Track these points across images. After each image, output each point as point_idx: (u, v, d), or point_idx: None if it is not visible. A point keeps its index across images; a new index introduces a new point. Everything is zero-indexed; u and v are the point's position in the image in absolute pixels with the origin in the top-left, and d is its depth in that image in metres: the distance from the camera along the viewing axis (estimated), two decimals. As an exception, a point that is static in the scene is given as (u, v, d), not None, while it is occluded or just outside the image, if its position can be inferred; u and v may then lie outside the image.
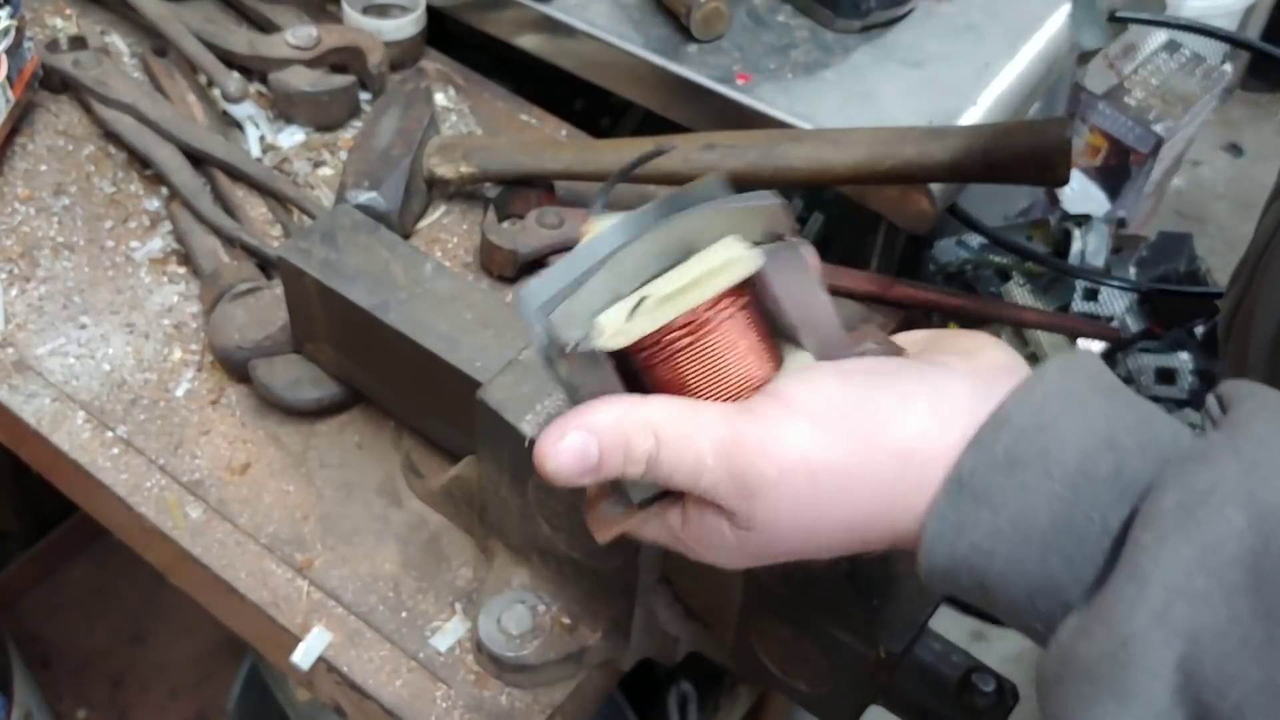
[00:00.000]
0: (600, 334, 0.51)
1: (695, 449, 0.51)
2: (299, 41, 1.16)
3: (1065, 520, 0.46)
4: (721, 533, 0.53)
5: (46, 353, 0.98)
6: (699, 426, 0.51)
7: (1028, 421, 0.48)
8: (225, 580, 0.86)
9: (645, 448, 0.52)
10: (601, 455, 0.52)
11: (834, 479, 0.50)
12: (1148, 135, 2.04)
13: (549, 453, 0.53)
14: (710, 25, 1.14)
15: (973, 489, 0.48)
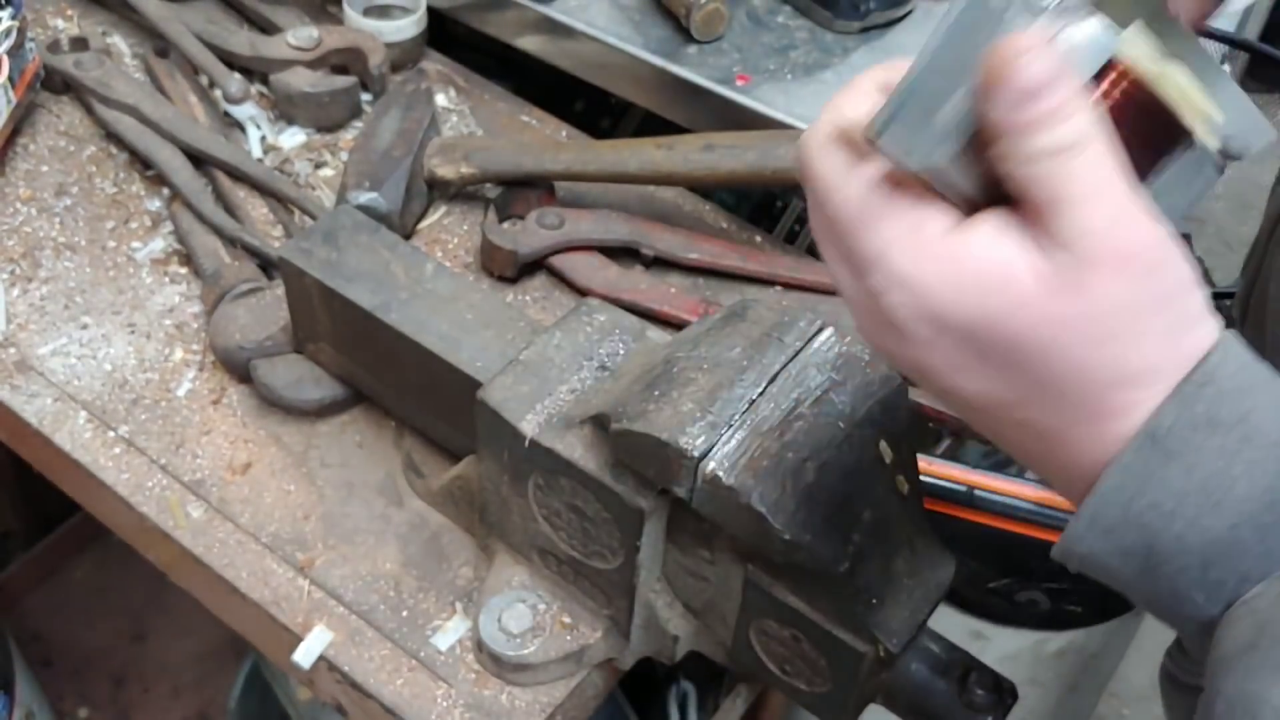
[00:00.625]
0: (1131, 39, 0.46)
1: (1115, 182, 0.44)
2: (300, 42, 1.17)
3: (1264, 491, 0.44)
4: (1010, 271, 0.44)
5: (48, 353, 0.98)
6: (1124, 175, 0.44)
7: (1230, 383, 0.45)
8: (227, 579, 0.87)
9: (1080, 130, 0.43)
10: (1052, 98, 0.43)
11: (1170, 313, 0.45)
12: (1147, 136, 2.04)
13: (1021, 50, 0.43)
14: (710, 26, 1.14)
15: (1166, 446, 0.44)
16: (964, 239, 0.44)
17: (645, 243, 1.06)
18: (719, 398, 0.69)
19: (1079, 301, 0.43)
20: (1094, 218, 0.43)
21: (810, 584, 0.71)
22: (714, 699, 1.39)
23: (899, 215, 0.45)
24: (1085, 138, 0.43)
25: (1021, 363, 0.45)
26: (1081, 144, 0.43)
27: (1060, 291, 0.43)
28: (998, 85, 0.43)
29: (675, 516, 0.75)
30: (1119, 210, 0.43)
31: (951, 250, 0.44)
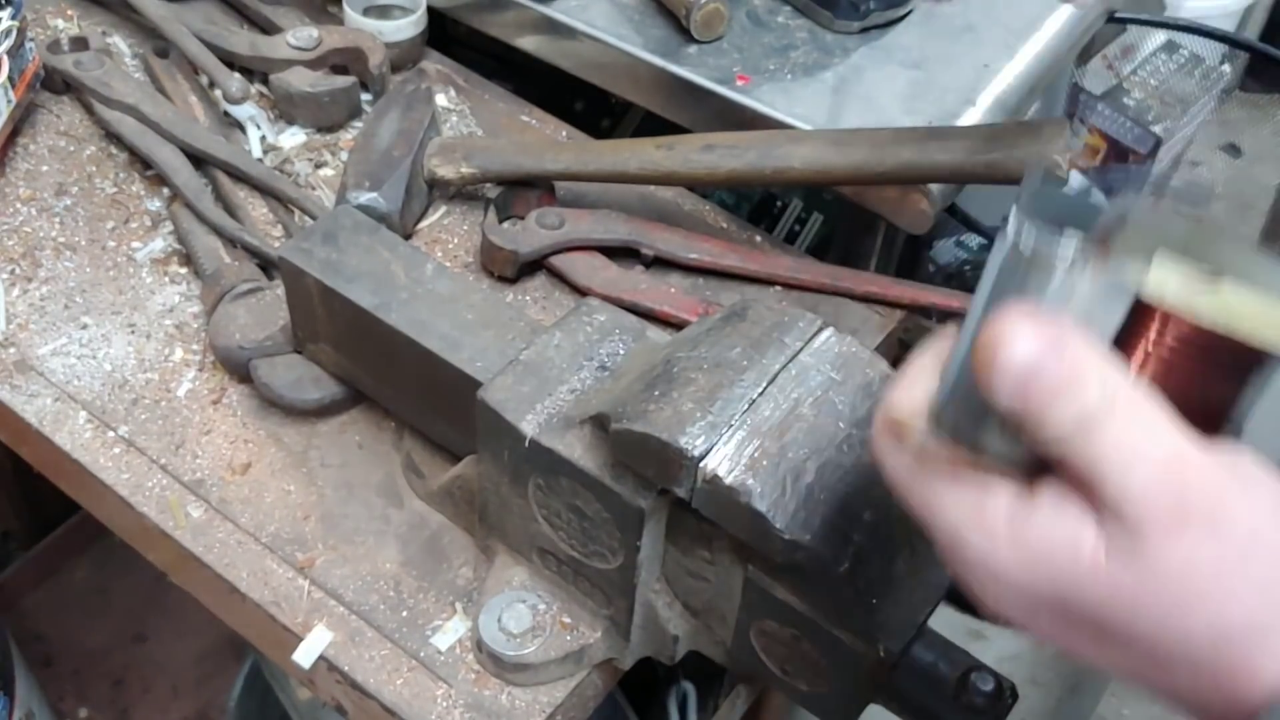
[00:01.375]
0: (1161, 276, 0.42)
1: (1153, 437, 0.42)
2: (300, 42, 1.17)
3: None
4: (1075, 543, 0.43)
5: (48, 353, 0.98)
6: (1165, 428, 0.42)
7: None
8: (227, 579, 0.87)
9: (1097, 403, 0.42)
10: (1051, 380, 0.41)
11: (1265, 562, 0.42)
12: (1146, 136, 2.04)
13: (1004, 337, 0.42)
14: (710, 26, 1.14)
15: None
16: (1026, 519, 0.44)
17: (645, 243, 1.06)
18: (719, 398, 0.69)
19: (1144, 570, 0.42)
20: (1136, 483, 0.41)
21: (810, 584, 0.71)
22: (714, 699, 1.39)
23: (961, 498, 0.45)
24: (1105, 403, 0.42)
25: (1115, 635, 0.44)
26: (1102, 412, 0.42)
27: (1123, 562, 0.42)
28: (988, 374, 0.42)
29: (675, 516, 0.75)
30: (1164, 469, 0.42)
31: (1016, 533, 0.44)
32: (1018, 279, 0.44)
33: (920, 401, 0.47)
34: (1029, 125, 1.00)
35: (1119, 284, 0.43)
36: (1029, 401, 0.42)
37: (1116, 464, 0.42)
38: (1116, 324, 0.44)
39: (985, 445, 0.45)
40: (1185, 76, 2.10)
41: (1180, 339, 0.44)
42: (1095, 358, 0.42)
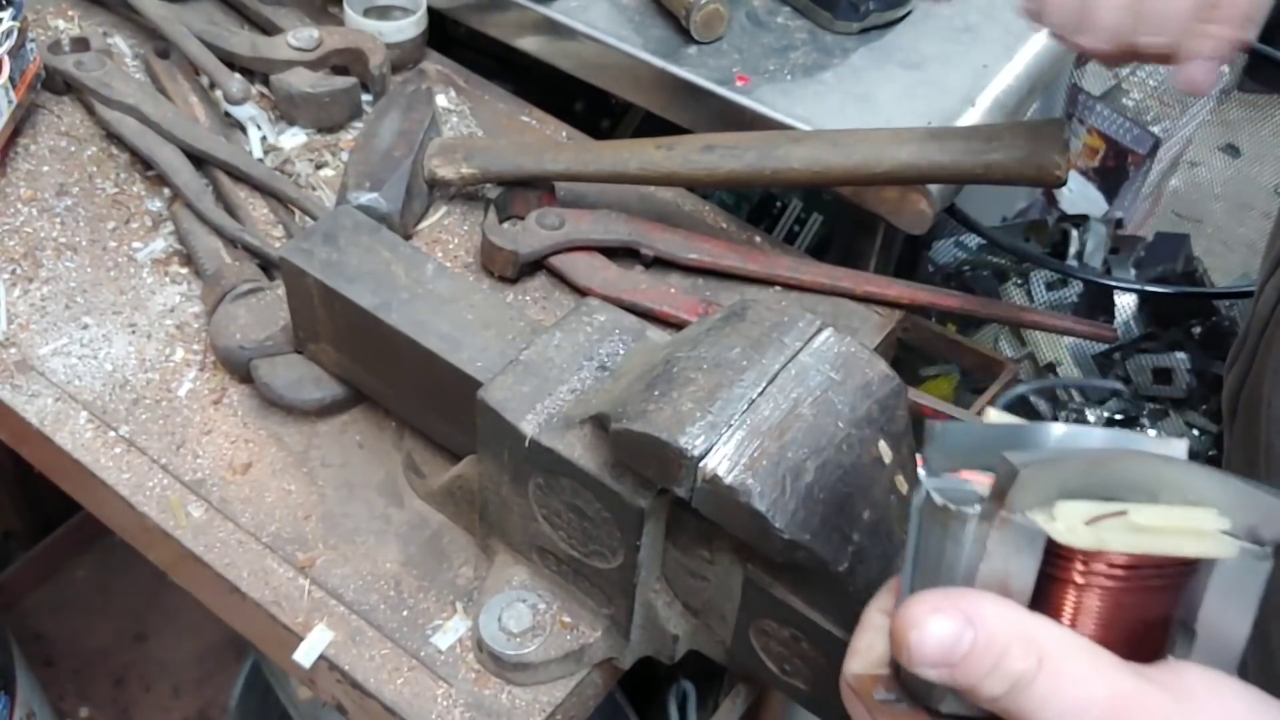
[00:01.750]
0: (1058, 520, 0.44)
1: (1086, 692, 0.43)
2: (301, 43, 1.17)
3: None
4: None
5: (49, 353, 0.98)
6: (1095, 668, 0.44)
7: None
8: (227, 579, 0.87)
9: (1022, 667, 0.43)
10: (972, 653, 0.44)
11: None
12: (1145, 136, 2.04)
13: (916, 621, 0.44)
14: (710, 27, 1.14)
15: None
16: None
17: (645, 243, 1.06)
18: (719, 398, 0.69)
19: None
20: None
21: (810, 584, 0.71)
22: (714, 699, 1.40)
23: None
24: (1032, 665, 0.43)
25: None
26: (1030, 674, 0.43)
27: None
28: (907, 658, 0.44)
29: (675, 516, 0.75)
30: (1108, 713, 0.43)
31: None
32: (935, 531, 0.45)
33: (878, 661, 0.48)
34: (1028, 125, 1.00)
35: (1025, 532, 0.44)
36: (957, 676, 0.44)
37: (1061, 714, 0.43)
38: (1033, 570, 0.45)
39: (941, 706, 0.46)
40: (1184, 77, 2.10)
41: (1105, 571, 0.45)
42: (1013, 622, 0.44)
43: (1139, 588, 0.45)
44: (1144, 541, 0.44)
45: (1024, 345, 1.68)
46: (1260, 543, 0.45)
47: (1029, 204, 1.86)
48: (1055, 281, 1.70)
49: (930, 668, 0.44)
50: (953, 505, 0.45)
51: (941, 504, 0.45)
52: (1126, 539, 0.44)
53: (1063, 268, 1.60)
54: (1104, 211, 2.04)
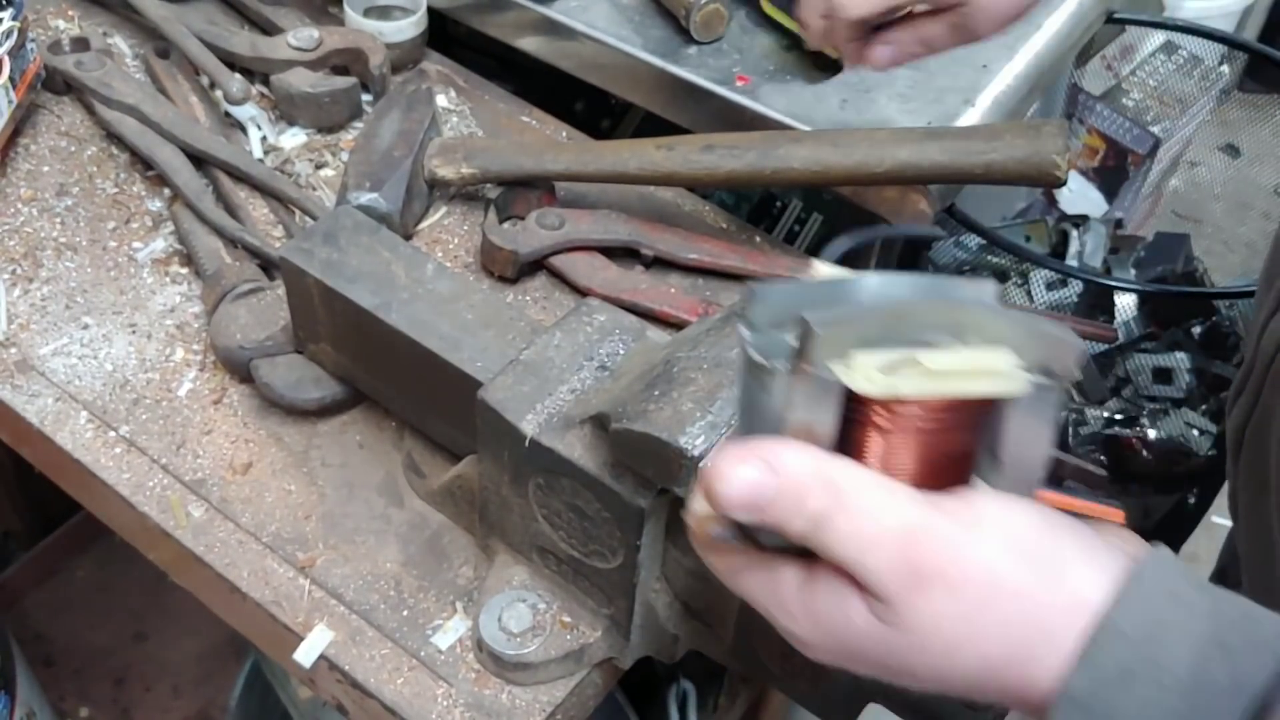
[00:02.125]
0: (853, 371, 0.47)
1: (878, 524, 0.48)
2: (301, 43, 1.17)
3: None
4: (848, 616, 0.49)
5: (49, 353, 0.98)
6: (888, 502, 0.48)
7: (1136, 631, 0.46)
8: (228, 579, 0.87)
9: (821, 505, 0.48)
10: (776, 498, 0.48)
11: (1008, 604, 0.47)
12: (1145, 136, 2.04)
13: (723, 474, 0.49)
14: (710, 27, 1.14)
15: (1088, 707, 0.46)
16: (811, 597, 0.51)
17: (645, 243, 1.06)
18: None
19: (904, 630, 0.48)
20: (873, 564, 0.48)
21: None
22: (714, 698, 1.40)
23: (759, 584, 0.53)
24: (830, 503, 0.48)
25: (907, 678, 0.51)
26: (829, 511, 0.48)
27: (888, 625, 0.49)
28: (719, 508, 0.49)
29: (675, 516, 0.75)
30: (896, 545, 0.47)
31: (805, 609, 0.51)
32: (753, 384, 0.49)
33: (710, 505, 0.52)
34: (1028, 125, 1.00)
35: (824, 384, 0.48)
36: (765, 518, 0.49)
37: (854, 551, 0.48)
38: (833, 418, 0.49)
39: (762, 540, 0.51)
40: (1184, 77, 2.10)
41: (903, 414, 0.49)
42: (812, 467, 0.48)
43: (937, 427, 0.49)
44: (936, 385, 0.47)
45: (1024, 345, 1.68)
46: (1050, 375, 0.48)
47: (1029, 204, 1.86)
48: (1055, 281, 1.70)
49: (740, 512, 0.49)
50: (765, 360, 0.48)
51: (756, 360, 0.49)
52: (920, 384, 0.47)
53: (1063, 268, 1.60)
54: (1104, 211, 2.04)
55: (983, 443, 0.51)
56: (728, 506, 0.49)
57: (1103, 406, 1.64)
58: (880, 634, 0.49)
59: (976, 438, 0.51)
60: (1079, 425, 1.62)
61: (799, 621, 0.52)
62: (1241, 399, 0.82)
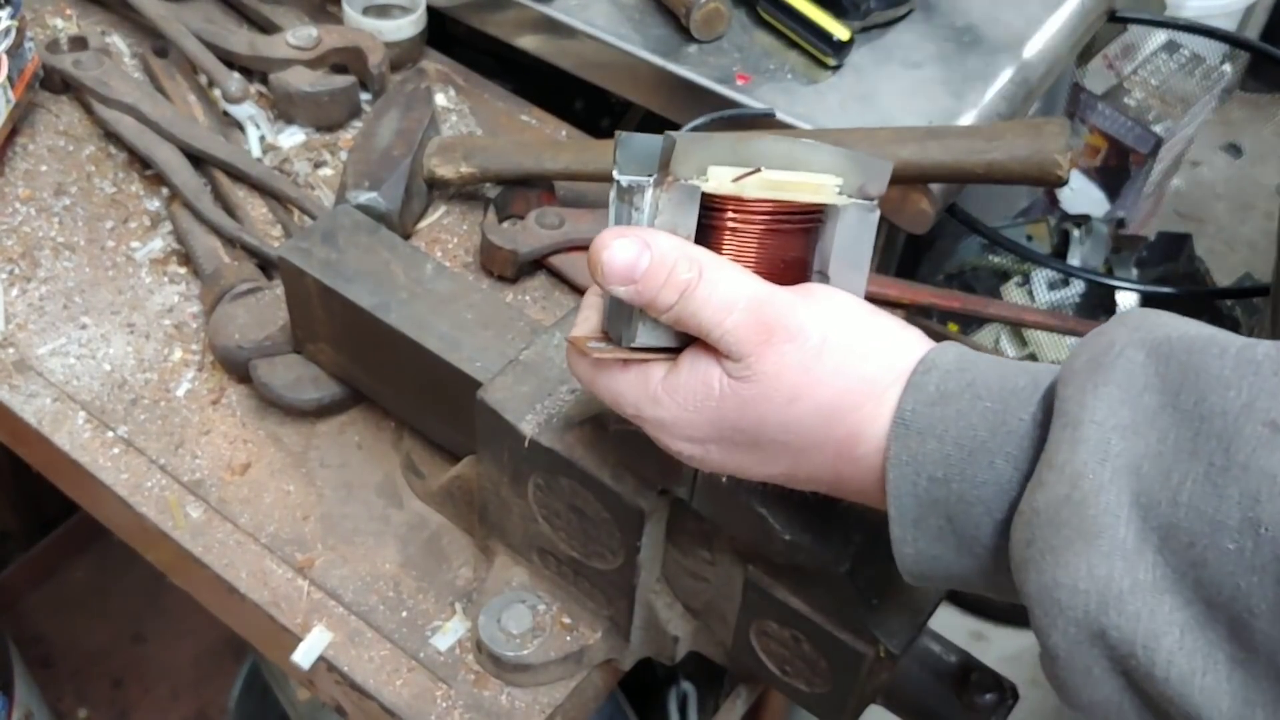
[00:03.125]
0: (708, 178, 0.57)
1: (733, 292, 0.56)
2: (299, 42, 1.17)
3: (1000, 426, 0.52)
4: (709, 384, 0.57)
5: (47, 353, 0.98)
6: (742, 279, 0.57)
7: (951, 364, 0.55)
8: (226, 580, 0.87)
9: (687, 277, 0.56)
10: (649, 269, 0.56)
11: (839, 354, 0.56)
12: (1147, 136, 2.04)
13: (606, 244, 0.56)
14: (710, 26, 1.14)
15: (916, 426, 0.54)
16: (674, 379, 0.59)
17: (645, 242, 1.06)
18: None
19: (755, 381, 0.56)
20: (730, 323, 0.56)
21: (811, 584, 0.71)
22: (714, 699, 1.39)
23: (630, 382, 0.60)
24: (693, 275, 0.56)
25: (759, 441, 0.58)
26: (693, 282, 0.56)
27: (741, 381, 0.56)
28: (602, 280, 0.57)
29: (675, 517, 0.75)
30: (749, 307, 0.56)
31: (670, 386, 0.59)
32: (624, 208, 0.59)
33: (592, 326, 0.63)
34: (1030, 125, 0.99)
35: (685, 189, 0.57)
36: (640, 290, 0.57)
37: (714, 314, 0.56)
38: (693, 219, 0.58)
39: (636, 338, 0.59)
40: (1186, 76, 2.10)
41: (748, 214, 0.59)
42: (678, 246, 0.57)
43: (776, 230, 0.59)
44: (775, 192, 0.58)
45: (1025, 345, 1.68)
46: (868, 197, 0.60)
47: (1030, 203, 1.86)
48: (1057, 281, 1.70)
49: (619, 285, 0.57)
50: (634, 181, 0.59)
51: (627, 184, 0.59)
52: (762, 191, 0.58)
53: (1064, 267, 1.60)
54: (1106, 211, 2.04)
55: (814, 256, 0.62)
56: (610, 276, 0.56)
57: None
58: (734, 391, 0.57)
59: (809, 246, 0.61)
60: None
61: (665, 405, 0.59)
62: None
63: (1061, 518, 0.47)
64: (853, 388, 0.55)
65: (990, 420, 0.52)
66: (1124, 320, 0.52)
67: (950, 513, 0.53)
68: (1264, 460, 0.43)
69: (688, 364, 0.58)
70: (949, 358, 0.55)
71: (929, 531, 0.54)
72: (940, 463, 0.53)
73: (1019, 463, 0.52)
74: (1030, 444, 0.51)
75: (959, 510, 0.53)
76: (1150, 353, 0.48)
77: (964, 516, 0.53)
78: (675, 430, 0.59)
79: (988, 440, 0.52)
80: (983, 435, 0.52)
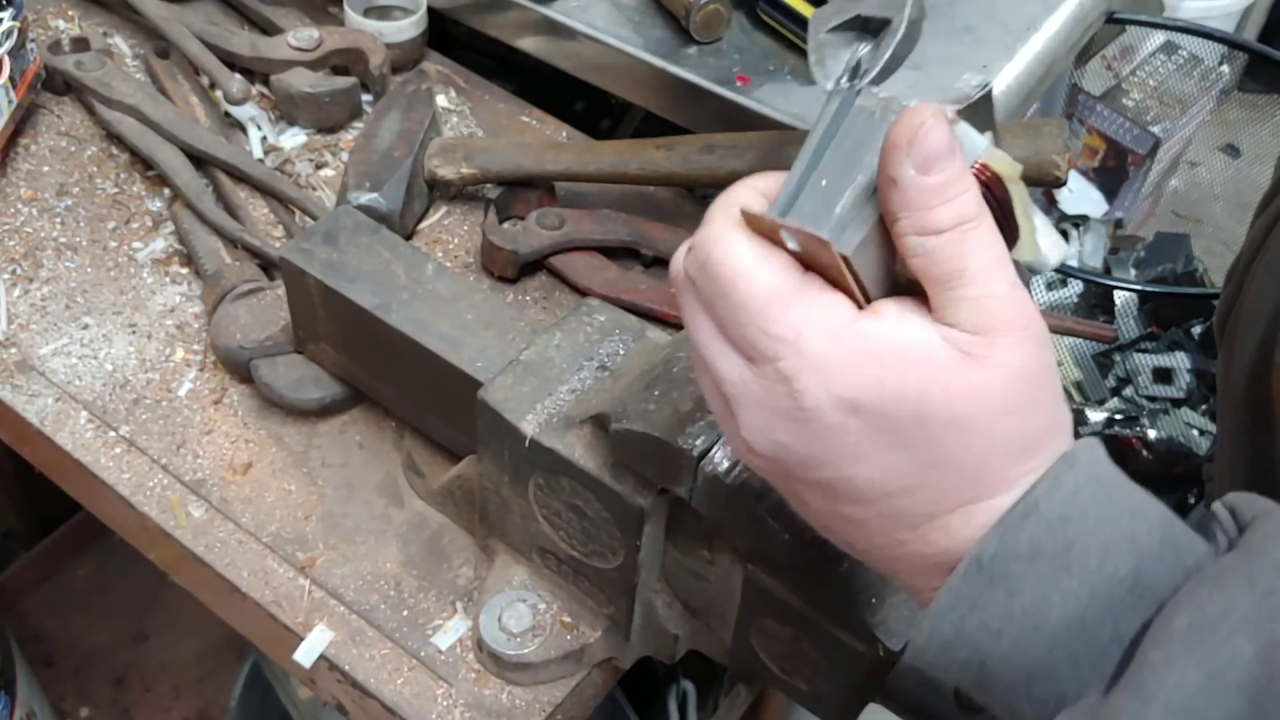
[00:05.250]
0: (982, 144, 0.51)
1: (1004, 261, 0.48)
2: (301, 43, 1.17)
3: (1078, 620, 0.47)
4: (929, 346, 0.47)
5: (49, 353, 0.98)
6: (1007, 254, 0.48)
7: (1054, 513, 0.47)
8: (228, 579, 0.87)
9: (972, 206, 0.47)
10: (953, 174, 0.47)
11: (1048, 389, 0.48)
12: (1145, 136, 2.04)
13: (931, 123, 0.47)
14: (710, 27, 1.14)
15: (991, 572, 0.47)
16: (875, 322, 0.48)
17: (645, 243, 1.06)
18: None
19: (987, 372, 0.46)
20: (997, 289, 0.46)
21: (810, 583, 0.71)
22: (714, 698, 1.40)
23: (811, 299, 0.48)
24: (980, 212, 0.47)
25: (929, 439, 0.48)
26: (978, 218, 0.47)
27: (970, 363, 0.46)
28: (906, 150, 0.46)
29: (675, 516, 0.75)
30: (1013, 281, 0.47)
31: (864, 332, 0.47)
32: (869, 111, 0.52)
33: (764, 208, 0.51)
34: (1028, 125, 1.00)
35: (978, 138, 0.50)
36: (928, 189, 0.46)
37: (983, 268, 0.46)
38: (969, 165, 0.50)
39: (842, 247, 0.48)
40: (1184, 77, 2.10)
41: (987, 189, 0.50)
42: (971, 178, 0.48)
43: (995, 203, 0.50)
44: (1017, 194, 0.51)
45: (1024, 345, 1.68)
46: (1031, 269, 0.52)
47: (1029, 204, 1.86)
48: (1055, 281, 1.70)
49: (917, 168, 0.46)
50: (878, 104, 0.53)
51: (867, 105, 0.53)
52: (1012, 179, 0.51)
53: (1063, 267, 1.60)
54: (1104, 211, 2.04)
55: None
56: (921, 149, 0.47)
57: (1103, 406, 1.64)
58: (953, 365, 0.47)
59: None
60: (1079, 425, 1.62)
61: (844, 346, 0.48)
62: (1228, 287, 0.84)
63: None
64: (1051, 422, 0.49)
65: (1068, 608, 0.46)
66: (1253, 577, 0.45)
67: (987, 661, 0.48)
68: None
69: (895, 313, 0.48)
70: (1056, 500, 0.47)
71: (954, 661, 0.49)
72: (1001, 617, 0.47)
73: (1078, 665, 0.47)
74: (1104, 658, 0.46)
75: (999, 667, 0.48)
76: (1261, 653, 0.43)
77: (1001, 673, 0.48)
78: (834, 382, 0.47)
79: (1058, 629, 0.47)
80: (1054, 620, 0.47)
